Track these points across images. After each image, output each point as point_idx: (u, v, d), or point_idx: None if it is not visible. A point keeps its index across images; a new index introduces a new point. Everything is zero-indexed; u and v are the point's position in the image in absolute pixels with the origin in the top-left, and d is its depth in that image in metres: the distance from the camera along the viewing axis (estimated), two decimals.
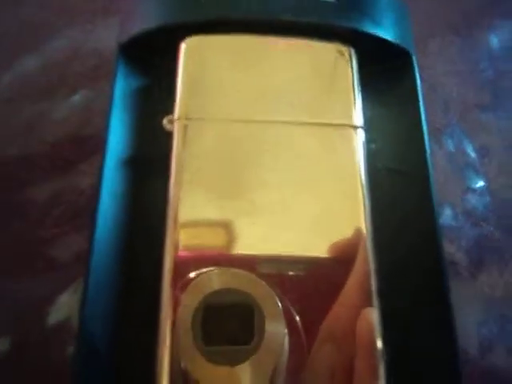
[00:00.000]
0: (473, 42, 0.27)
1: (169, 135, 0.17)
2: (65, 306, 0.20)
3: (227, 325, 0.14)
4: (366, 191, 0.17)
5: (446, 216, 0.23)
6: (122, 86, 0.19)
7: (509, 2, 0.29)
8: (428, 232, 0.18)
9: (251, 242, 0.16)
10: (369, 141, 0.20)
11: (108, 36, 0.24)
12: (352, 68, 0.19)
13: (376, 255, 0.16)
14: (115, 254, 0.17)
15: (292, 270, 0.15)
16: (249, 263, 0.15)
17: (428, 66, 0.26)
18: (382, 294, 0.16)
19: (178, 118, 0.17)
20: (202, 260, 0.15)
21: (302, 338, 0.15)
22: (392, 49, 0.20)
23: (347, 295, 0.15)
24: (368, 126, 0.20)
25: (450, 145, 0.24)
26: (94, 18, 0.25)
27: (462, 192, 0.23)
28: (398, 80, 0.21)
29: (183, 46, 0.18)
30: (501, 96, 0.26)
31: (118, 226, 0.18)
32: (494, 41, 0.27)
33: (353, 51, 0.19)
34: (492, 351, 0.20)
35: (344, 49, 0.19)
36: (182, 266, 0.15)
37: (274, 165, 0.17)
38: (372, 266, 0.16)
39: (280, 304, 0.14)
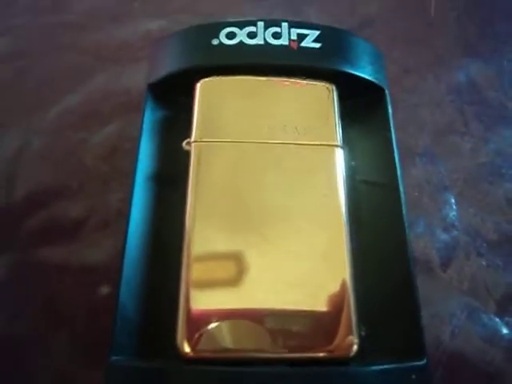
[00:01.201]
0: (443, 78, 0.32)
1: (187, 155, 0.22)
2: None
3: None
4: (346, 208, 0.21)
5: (421, 223, 0.27)
6: (149, 118, 0.24)
7: (473, 45, 0.34)
8: (398, 232, 0.22)
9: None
10: (350, 159, 0.24)
11: (135, 78, 0.29)
12: (333, 101, 0.23)
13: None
14: (145, 251, 0.22)
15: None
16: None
17: (403, 98, 0.30)
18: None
19: (194, 141, 0.22)
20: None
21: None
22: (368, 85, 0.25)
23: None
24: (349, 147, 0.24)
25: (423, 164, 0.29)
26: (124, 63, 0.30)
27: (435, 203, 0.27)
28: (373, 110, 0.25)
29: (198, 86, 0.23)
30: (467, 123, 0.30)
31: (146, 231, 0.22)
32: (462, 77, 0.32)
33: (334, 88, 0.24)
34: (460, 336, 0.24)
35: (327, 86, 0.24)
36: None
37: (270, 179, 0.21)
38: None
39: None
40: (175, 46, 0.25)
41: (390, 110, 0.25)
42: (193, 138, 0.22)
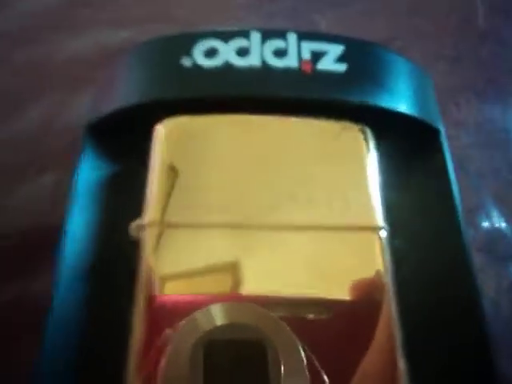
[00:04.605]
0: (500, 109, 0.24)
1: (136, 244, 0.14)
2: None
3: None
4: None
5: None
6: (87, 176, 0.16)
7: None
8: None
9: None
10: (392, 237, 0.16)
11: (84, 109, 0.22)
12: (367, 151, 0.15)
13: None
14: None
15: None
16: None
17: (451, 136, 0.22)
18: None
19: (149, 225, 0.13)
20: None
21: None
22: (413, 124, 0.17)
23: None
24: (390, 219, 0.16)
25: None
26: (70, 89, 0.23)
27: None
28: (422, 160, 0.17)
29: (159, 129, 0.15)
30: None
31: None
32: None
33: (368, 130, 0.16)
34: None
35: (355, 128, 0.16)
36: None
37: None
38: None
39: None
40: (130, 68, 0.17)
41: (448, 159, 0.17)
42: (146, 220, 0.14)
